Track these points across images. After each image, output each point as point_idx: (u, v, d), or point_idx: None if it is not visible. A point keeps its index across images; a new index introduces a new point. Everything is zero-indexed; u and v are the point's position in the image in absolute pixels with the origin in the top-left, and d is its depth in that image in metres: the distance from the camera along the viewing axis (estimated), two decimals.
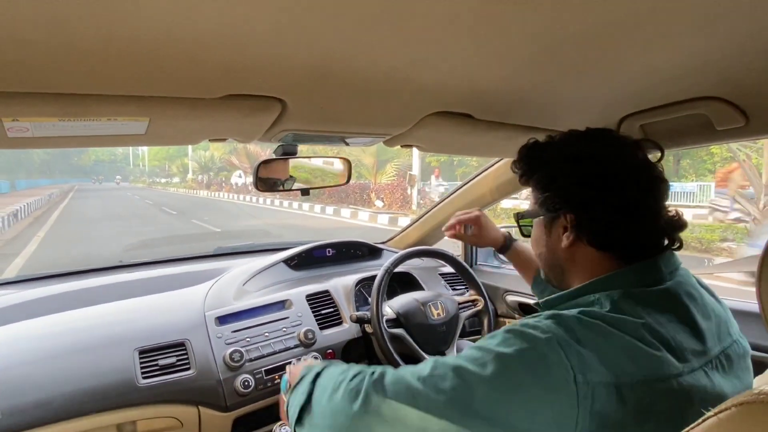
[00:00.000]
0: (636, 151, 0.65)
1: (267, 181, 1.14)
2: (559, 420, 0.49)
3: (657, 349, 0.54)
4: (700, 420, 0.41)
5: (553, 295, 0.68)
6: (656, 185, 0.64)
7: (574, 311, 0.56)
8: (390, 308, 1.35)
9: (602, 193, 0.62)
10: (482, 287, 1.49)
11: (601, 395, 0.49)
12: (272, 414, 1.27)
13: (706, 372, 0.57)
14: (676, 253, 0.66)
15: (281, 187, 1.18)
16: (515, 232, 2.26)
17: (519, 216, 0.79)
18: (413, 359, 1.28)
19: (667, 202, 0.66)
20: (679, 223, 0.66)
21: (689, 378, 0.54)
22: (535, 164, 0.71)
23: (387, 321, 1.31)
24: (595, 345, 0.52)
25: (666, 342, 0.55)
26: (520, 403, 0.50)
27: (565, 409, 0.49)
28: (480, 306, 1.45)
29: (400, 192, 14.59)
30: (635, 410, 0.50)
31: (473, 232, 1.12)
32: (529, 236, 0.77)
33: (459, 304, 1.43)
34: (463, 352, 0.57)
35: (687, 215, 0.69)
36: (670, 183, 0.69)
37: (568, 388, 0.49)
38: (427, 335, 1.31)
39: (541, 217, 0.71)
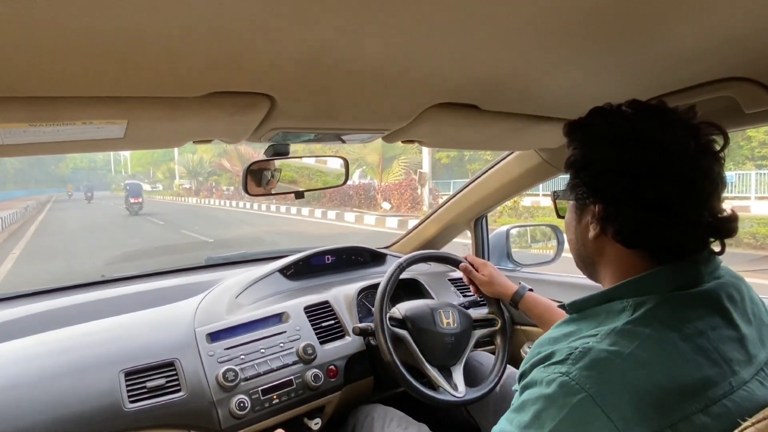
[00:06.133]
0: (689, 138, 0.60)
1: (258, 184, 1.15)
2: None
3: (702, 367, 0.54)
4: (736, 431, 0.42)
5: (580, 298, 0.67)
6: (701, 181, 0.60)
7: (605, 344, 0.55)
8: (397, 310, 1.35)
9: (635, 185, 0.60)
10: (501, 302, 1.42)
11: None
12: None
13: (761, 382, 0.57)
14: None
15: (274, 191, 1.19)
16: (530, 231, 2.22)
17: (555, 195, 0.78)
18: (417, 370, 1.29)
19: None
20: (726, 228, 0.62)
21: (742, 392, 0.55)
22: (573, 142, 0.69)
23: (391, 319, 1.31)
24: (636, 389, 0.52)
25: (711, 356, 0.55)
26: None
27: None
28: (497, 326, 1.41)
29: (409, 192, 14.46)
30: None
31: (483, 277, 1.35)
32: (563, 217, 0.77)
33: (474, 321, 1.39)
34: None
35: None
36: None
37: None
38: (433, 343, 1.30)
39: (573, 201, 0.71)
